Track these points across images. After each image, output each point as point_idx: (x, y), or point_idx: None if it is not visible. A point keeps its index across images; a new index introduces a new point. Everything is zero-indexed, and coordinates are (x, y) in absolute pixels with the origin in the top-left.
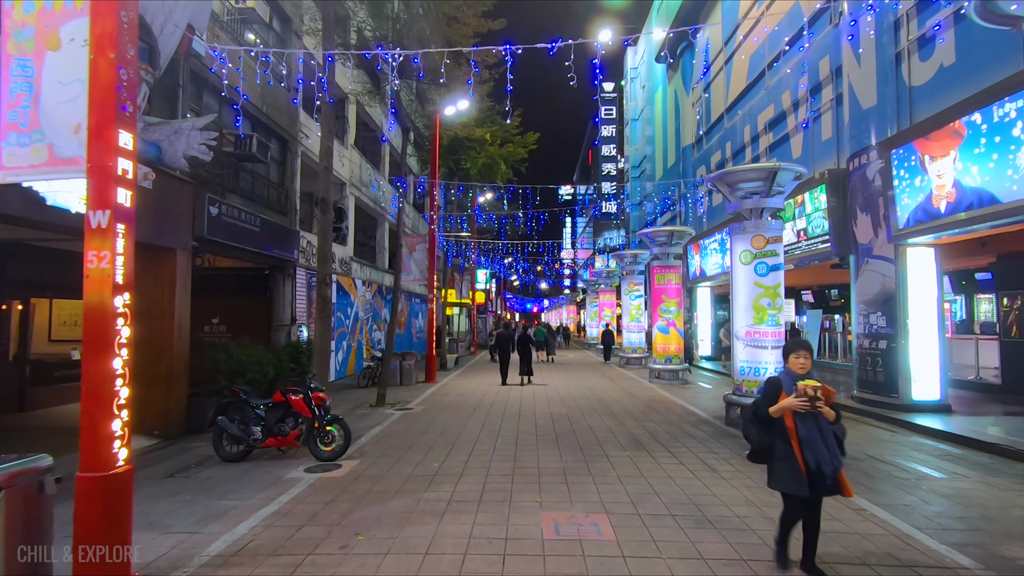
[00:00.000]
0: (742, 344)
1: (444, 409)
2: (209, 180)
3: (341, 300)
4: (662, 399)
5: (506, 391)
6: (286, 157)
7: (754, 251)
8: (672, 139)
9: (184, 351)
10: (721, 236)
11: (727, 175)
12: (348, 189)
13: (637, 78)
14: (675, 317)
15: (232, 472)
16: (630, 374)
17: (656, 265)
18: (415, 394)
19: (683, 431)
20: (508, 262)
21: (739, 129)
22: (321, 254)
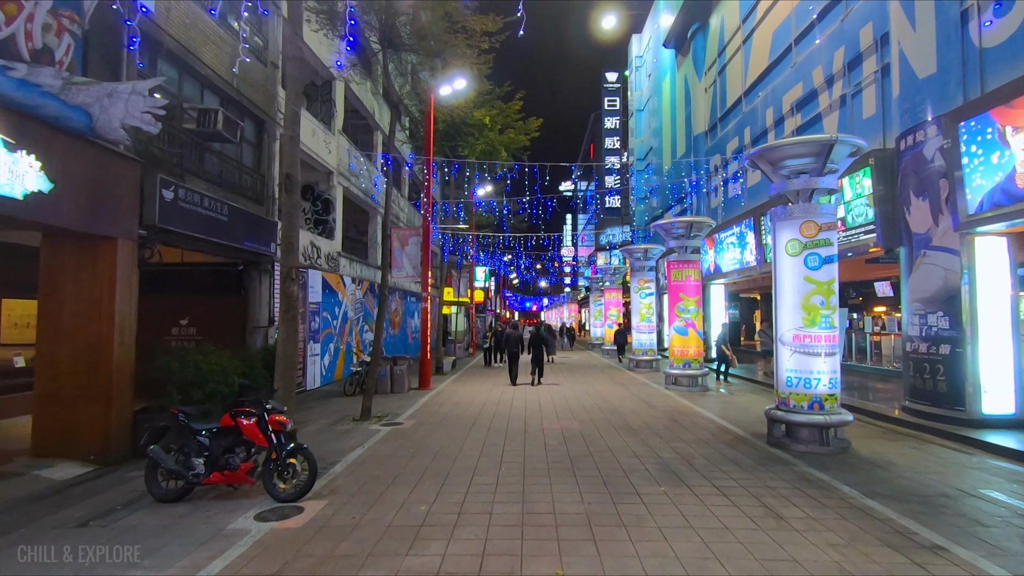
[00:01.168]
0: (788, 350)
1: (438, 424)
2: (164, 159)
3: (328, 299)
4: (684, 410)
5: (508, 400)
6: (263, 140)
7: (804, 240)
8: (682, 128)
9: (128, 360)
10: (740, 229)
11: (770, 151)
12: (335, 178)
13: (642, 67)
14: (694, 317)
15: (163, 518)
16: (641, 379)
17: (673, 260)
18: (407, 404)
19: (722, 454)
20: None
21: (760, 112)
22: (286, 243)
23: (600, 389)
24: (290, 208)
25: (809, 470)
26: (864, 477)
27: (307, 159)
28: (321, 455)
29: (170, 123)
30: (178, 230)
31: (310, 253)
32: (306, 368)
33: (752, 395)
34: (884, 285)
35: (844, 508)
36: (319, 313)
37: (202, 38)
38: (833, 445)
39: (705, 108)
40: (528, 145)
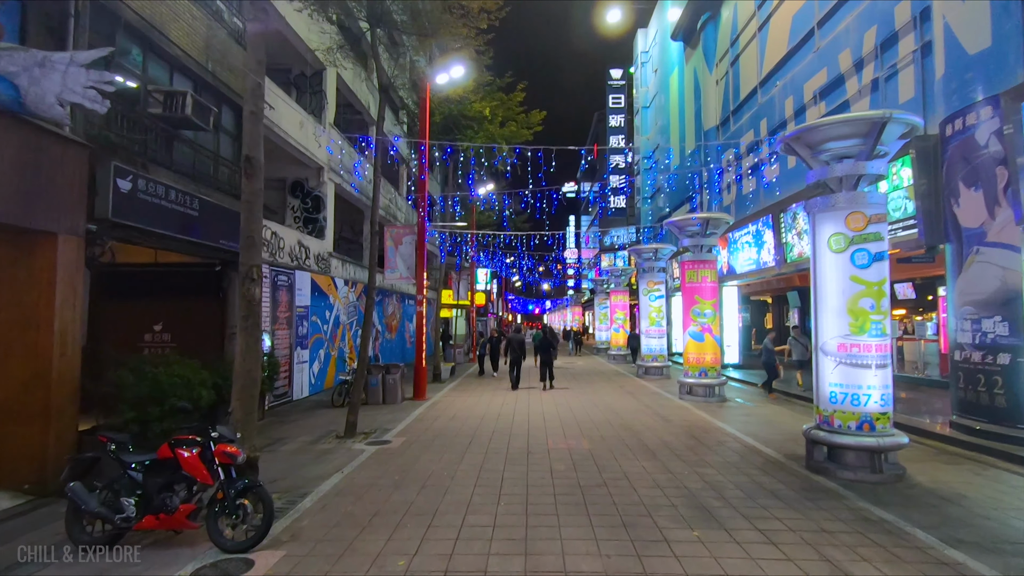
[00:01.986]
0: (831, 361)
1: (430, 443)
2: (122, 146)
3: (318, 302)
4: (704, 424)
5: (509, 412)
6: (241, 129)
7: (850, 234)
8: (691, 124)
9: (71, 373)
10: (756, 227)
11: (809, 132)
12: (326, 174)
13: (648, 62)
14: (711, 321)
15: (81, 572)
16: (652, 387)
17: (687, 259)
18: (398, 417)
19: (757, 484)
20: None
21: (778, 103)
22: (246, 237)
23: (609, 400)
24: (251, 196)
25: (866, 505)
26: (937, 517)
27: (295, 153)
28: (292, 484)
29: (133, 107)
30: (137, 225)
31: (297, 253)
32: (292, 377)
33: (775, 407)
34: (906, 287)
35: (928, 564)
36: (307, 317)
37: (170, 13)
38: (886, 472)
39: (716, 101)
40: (530, 139)
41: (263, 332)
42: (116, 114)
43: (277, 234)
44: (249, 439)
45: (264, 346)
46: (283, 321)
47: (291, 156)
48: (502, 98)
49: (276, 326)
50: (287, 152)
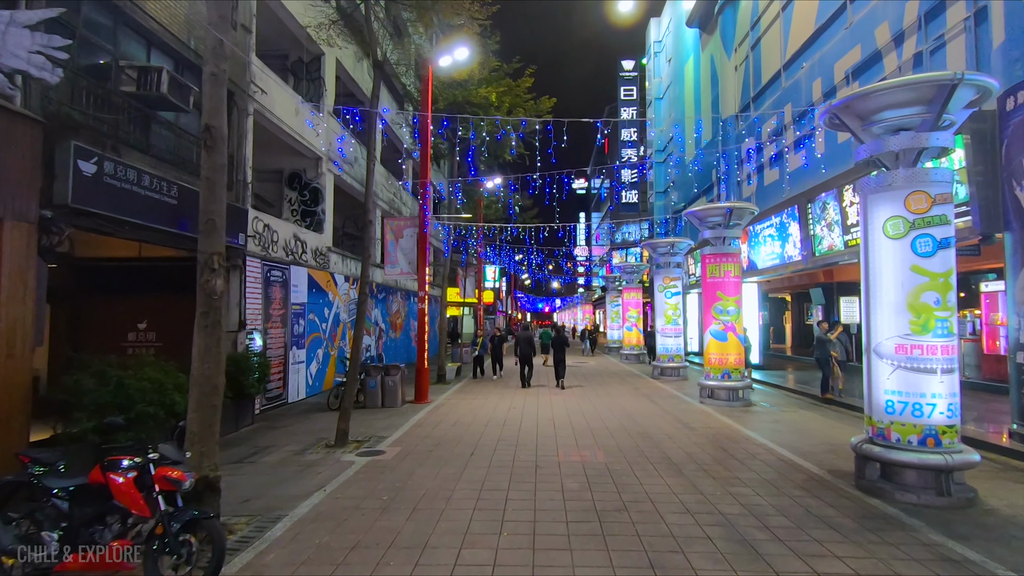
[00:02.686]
0: (888, 365)
1: (428, 453)
2: (85, 124)
3: (316, 299)
4: (730, 433)
5: (516, 417)
6: (231, 115)
7: (912, 217)
8: (707, 113)
9: (20, 377)
10: (781, 219)
11: (861, 100)
12: (324, 165)
13: (662, 52)
14: (734, 319)
15: None
16: (669, 389)
17: (708, 253)
18: (396, 423)
19: (804, 508)
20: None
21: (804, 85)
22: (205, 221)
23: (624, 403)
24: (211, 172)
25: (941, 539)
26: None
27: (291, 142)
28: (266, 504)
29: (103, 83)
30: (103, 212)
31: (293, 247)
32: (287, 378)
33: (803, 411)
34: None
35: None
36: (304, 315)
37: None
38: (955, 495)
39: (735, 88)
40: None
41: (254, 331)
42: (82, 90)
43: (270, 227)
44: (209, 456)
45: (255, 346)
46: (277, 319)
47: (287, 146)
48: (509, 84)
49: (269, 324)
50: (282, 141)
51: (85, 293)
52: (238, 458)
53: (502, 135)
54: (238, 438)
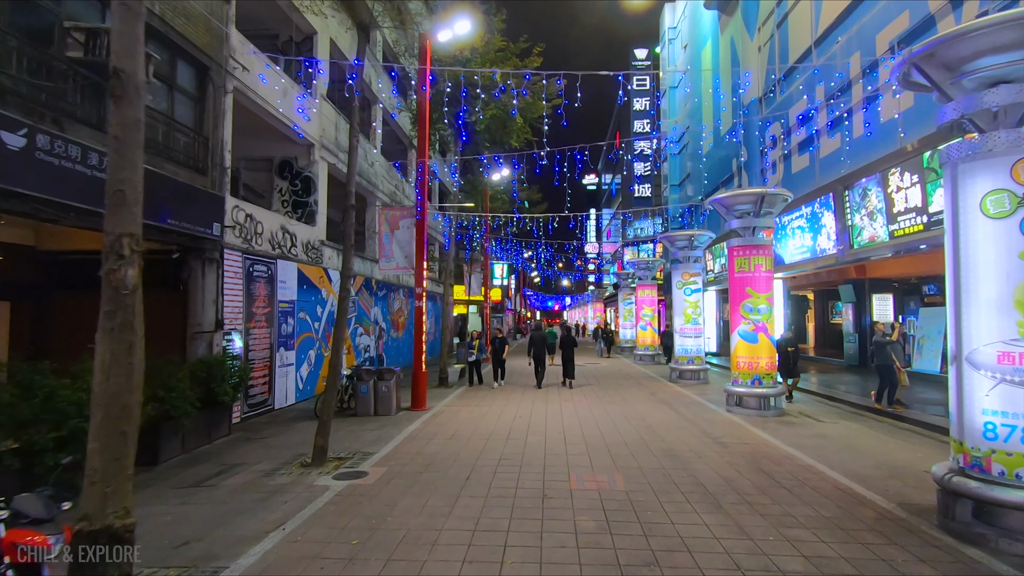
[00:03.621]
0: (987, 378)
1: (417, 476)
2: (12, 91)
3: (307, 296)
4: (768, 450)
5: (522, 429)
6: (206, 92)
7: (1020, 190)
8: (727, 99)
9: None
10: (812, 209)
11: (951, 44)
12: (317, 152)
13: (677, 39)
14: (765, 319)
15: None
16: (691, 395)
17: (736, 245)
18: (387, 435)
19: (884, 560)
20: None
21: (838, 62)
22: (113, 192)
23: (642, 411)
24: (121, 128)
25: None
26: None
27: (280, 127)
28: (205, 550)
29: (45, 47)
30: (36, 194)
31: (281, 240)
32: (273, 382)
33: (846, 423)
34: None
35: None
36: (293, 313)
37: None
38: None
39: (759, 70)
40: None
41: (233, 331)
42: (11, 51)
43: (253, 217)
44: (117, 498)
45: (234, 347)
46: (261, 318)
47: (277, 132)
48: (516, 63)
49: (252, 324)
50: (270, 126)
51: (51, 289)
52: (197, 480)
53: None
54: (207, 453)
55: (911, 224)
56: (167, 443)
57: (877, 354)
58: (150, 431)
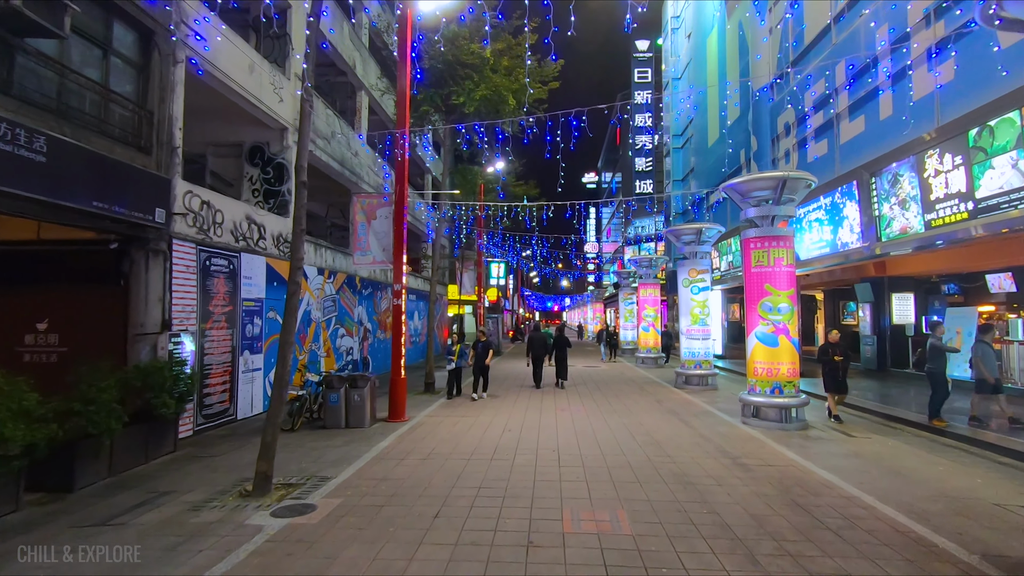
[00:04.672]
0: None
1: (376, 513)
2: None
3: (277, 294)
4: (800, 475)
5: (510, 447)
6: (150, 60)
7: None
8: (735, 87)
9: None
10: (832, 199)
11: None
12: (291, 137)
13: (680, 28)
14: (787, 319)
15: None
16: (700, 403)
17: (753, 236)
18: (352, 454)
19: None
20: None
21: (862, 36)
22: None
23: (647, 423)
24: None
25: None
26: None
27: (248, 108)
28: None
29: None
30: None
31: (247, 232)
32: (234, 390)
33: (880, 437)
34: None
35: None
36: (261, 313)
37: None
38: None
39: (771, 54)
40: (544, 99)
41: (183, 332)
42: None
43: (212, 204)
44: None
45: (183, 351)
46: (220, 318)
47: (246, 114)
48: (509, 41)
49: (209, 324)
50: (239, 108)
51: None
52: (109, 515)
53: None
54: (138, 476)
55: (952, 212)
56: (87, 466)
57: (930, 360)
58: (64, 452)
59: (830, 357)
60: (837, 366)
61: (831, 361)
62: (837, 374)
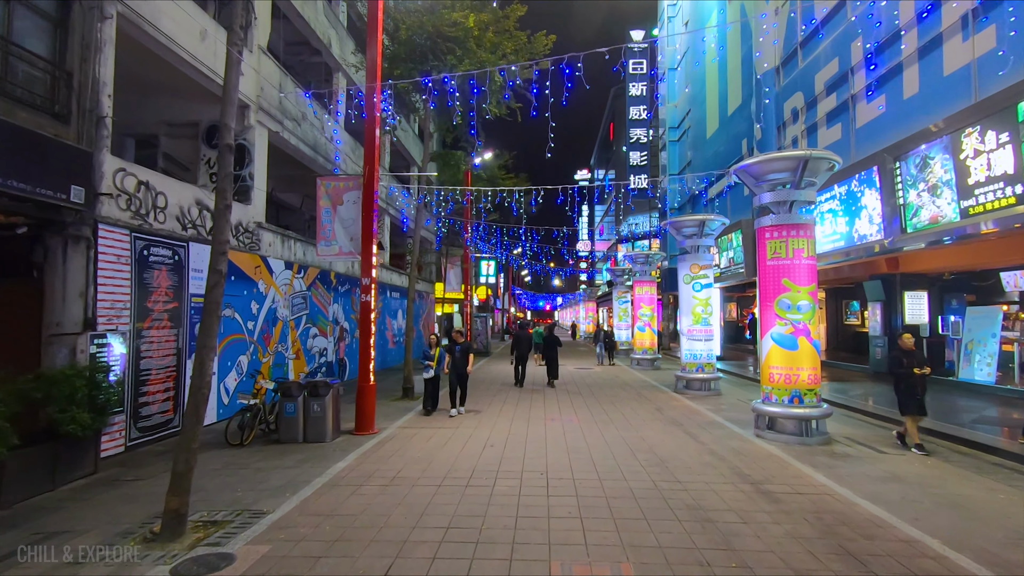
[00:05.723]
0: None
1: (308, 569)
2: None
3: (236, 290)
4: (840, 508)
5: (490, 468)
6: (70, 13)
7: None
8: (735, 74)
9: None
10: (848, 188)
11: None
12: (254, 116)
13: (677, 16)
14: (807, 319)
15: None
16: (706, 411)
17: (769, 225)
18: (302, 478)
19: None
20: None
21: (885, 9)
22: None
23: (650, 437)
24: None
25: None
26: None
27: (204, 82)
28: None
29: None
30: None
31: (196, 219)
32: (180, 398)
33: (928, 456)
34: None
35: None
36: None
37: None
38: None
39: (777, 36)
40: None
41: (111, 332)
42: None
43: (151, 186)
44: None
45: (110, 354)
46: (162, 316)
47: (201, 88)
48: (496, 12)
49: (147, 323)
50: (192, 80)
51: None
52: None
53: (480, 87)
54: (35, 509)
55: (996, 198)
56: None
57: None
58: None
59: (908, 368)
60: (916, 381)
61: (910, 374)
62: (916, 391)
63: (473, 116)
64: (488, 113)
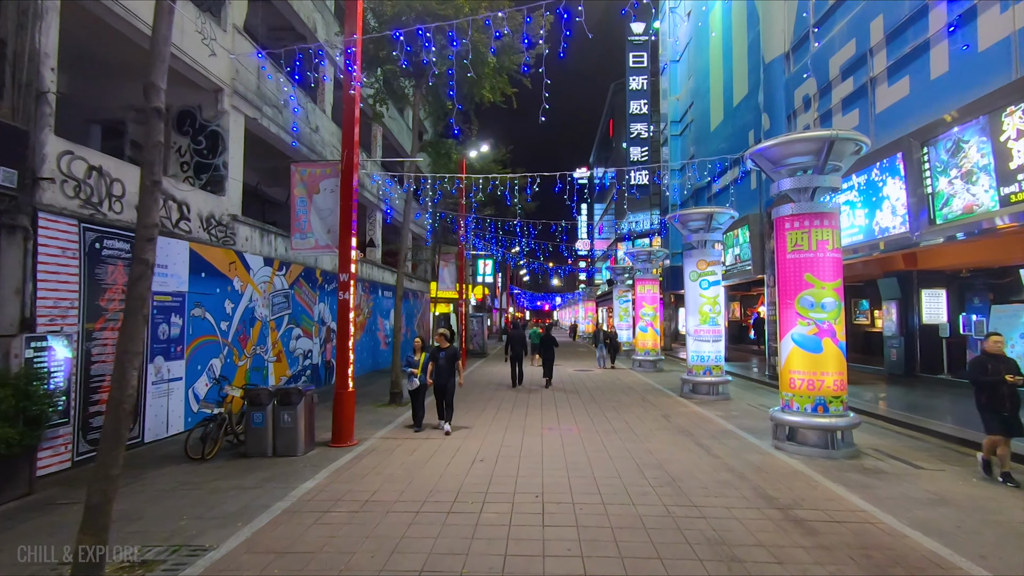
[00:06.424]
0: None
1: None
2: None
3: (207, 287)
4: (890, 542)
5: (477, 491)
6: None
7: None
8: (742, 62)
9: None
10: (869, 177)
11: None
12: (228, 100)
13: (678, 7)
14: (832, 318)
15: None
16: (716, 418)
17: (788, 214)
18: (259, 501)
19: None
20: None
21: None
22: None
23: (659, 451)
24: None
25: None
26: None
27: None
28: None
29: None
30: None
31: (162, 210)
32: (142, 407)
33: (955, 468)
34: None
35: None
36: (183, 311)
37: None
38: None
39: (786, 20)
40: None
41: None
42: None
43: (103, 171)
44: None
45: (51, 359)
46: (118, 316)
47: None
48: None
49: (99, 324)
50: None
51: None
52: None
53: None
54: None
55: None
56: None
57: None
58: None
59: (999, 376)
60: (1005, 393)
61: (1001, 382)
62: (1004, 404)
63: (454, 86)
64: (480, 98)
